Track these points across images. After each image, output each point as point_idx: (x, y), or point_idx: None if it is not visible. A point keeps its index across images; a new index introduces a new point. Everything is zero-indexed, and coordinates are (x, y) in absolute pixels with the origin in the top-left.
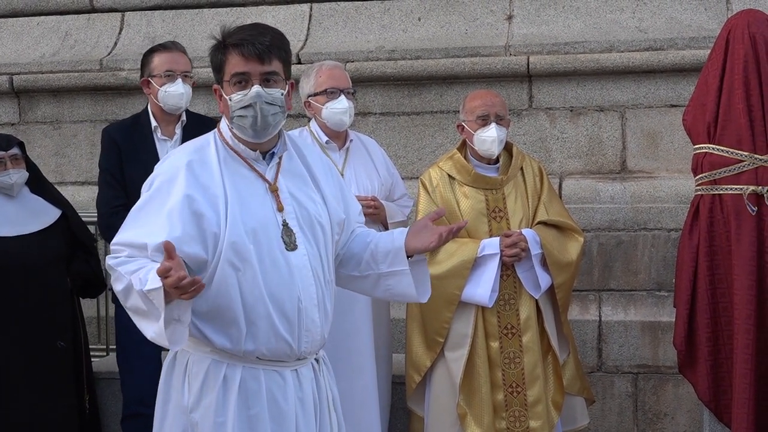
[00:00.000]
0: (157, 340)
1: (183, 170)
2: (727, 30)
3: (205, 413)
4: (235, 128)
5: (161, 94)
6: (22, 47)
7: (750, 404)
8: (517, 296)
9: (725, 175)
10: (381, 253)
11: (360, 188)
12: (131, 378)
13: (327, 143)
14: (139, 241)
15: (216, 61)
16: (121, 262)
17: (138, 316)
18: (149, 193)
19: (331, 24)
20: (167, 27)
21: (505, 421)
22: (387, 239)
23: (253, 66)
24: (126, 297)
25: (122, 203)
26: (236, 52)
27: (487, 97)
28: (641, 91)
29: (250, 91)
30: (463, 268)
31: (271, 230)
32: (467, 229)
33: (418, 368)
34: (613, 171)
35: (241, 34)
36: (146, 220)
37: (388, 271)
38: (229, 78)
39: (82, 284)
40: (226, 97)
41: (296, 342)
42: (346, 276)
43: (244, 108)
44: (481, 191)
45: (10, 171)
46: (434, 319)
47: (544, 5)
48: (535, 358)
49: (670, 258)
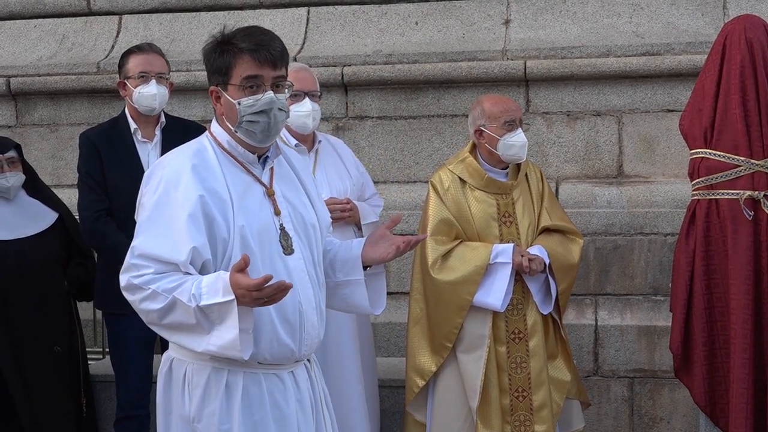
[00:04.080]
0: (219, 352)
1: (189, 172)
2: (723, 35)
3: (208, 422)
4: (241, 133)
5: (135, 95)
6: (19, 50)
7: (748, 408)
8: (524, 301)
9: (722, 180)
10: (339, 262)
11: (332, 189)
12: (123, 381)
13: (296, 146)
14: (166, 256)
15: (220, 63)
16: (150, 280)
17: (181, 332)
18: (155, 198)
19: (328, 28)
20: (164, 30)
21: (510, 426)
22: (346, 248)
23: (266, 70)
24: (164, 314)
25: (104, 207)
26: (250, 56)
27: (509, 102)
28: (638, 95)
29: (264, 97)
30: (476, 274)
31: (271, 235)
32: (478, 233)
33: (422, 373)
34: (609, 175)
35: (253, 39)
36: (165, 230)
37: (345, 280)
38: (240, 81)
39: (79, 287)
40: (233, 101)
41: (297, 346)
42: None
43: (257, 113)
44: (492, 196)
45: (6, 174)
46: (444, 324)
47: (542, 10)
48: (541, 363)
49: (666, 262)
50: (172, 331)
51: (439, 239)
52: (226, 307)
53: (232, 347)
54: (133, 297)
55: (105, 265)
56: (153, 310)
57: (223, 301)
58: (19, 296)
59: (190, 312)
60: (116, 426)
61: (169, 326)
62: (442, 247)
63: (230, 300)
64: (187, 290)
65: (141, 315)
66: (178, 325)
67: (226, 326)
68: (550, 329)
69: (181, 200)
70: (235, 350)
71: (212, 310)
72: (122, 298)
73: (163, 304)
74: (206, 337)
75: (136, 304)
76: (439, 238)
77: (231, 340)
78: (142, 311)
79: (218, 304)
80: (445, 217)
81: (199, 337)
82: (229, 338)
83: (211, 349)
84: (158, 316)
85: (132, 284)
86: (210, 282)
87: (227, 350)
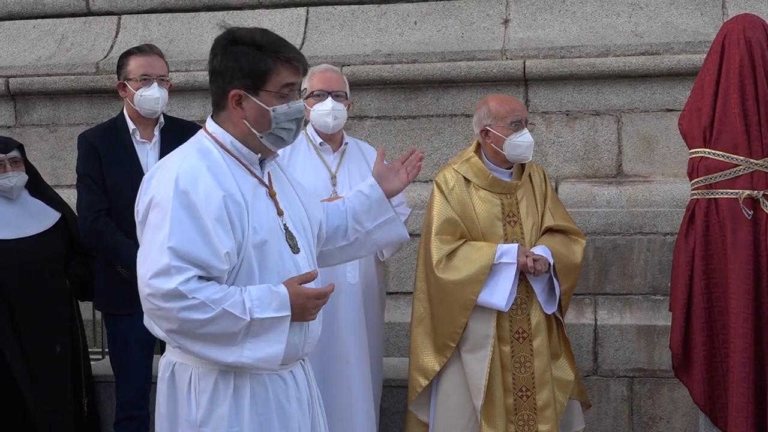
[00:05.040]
0: (253, 365)
1: (206, 173)
2: (722, 34)
3: (217, 426)
4: (268, 139)
5: (137, 98)
6: (18, 50)
7: (748, 408)
8: (528, 301)
9: (721, 179)
10: (362, 213)
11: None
12: (123, 381)
13: (321, 145)
14: (206, 259)
15: (258, 68)
16: (194, 288)
17: (214, 343)
18: (177, 199)
19: (327, 28)
20: (163, 30)
21: (513, 425)
22: (360, 198)
23: (300, 79)
24: (205, 325)
25: (103, 208)
26: (291, 65)
27: (515, 102)
28: (637, 95)
29: (298, 104)
30: (481, 273)
31: (279, 235)
32: (483, 233)
33: (425, 373)
34: (609, 175)
35: (288, 47)
36: (198, 233)
37: (375, 225)
38: (278, 89)
39: (81, 287)
40: (267, 107)
41: (302, 345)
42: (335, 249)
43: (291, 121)
44: (496, 195)
45: (9, 174)
46: (448, 323)
47: (541, 9)
48: (545, 363)
49: (665, 262)
50: (201, 342)
51: (444, 238)
52: (277, 322)
53: (271, 361)
54: (171, 304)
55: (105, 266)
56: (196, 320)
57: (277, 316)
58: (22, 296)
59: (239, 324)
60: (116, 426)
61: (202, 336)
62: (446, 246)
63: (285, 316)
64: (238, 302)
65: (168, 322)
66: (213, 336)
67: (268, 341)
68: (554, 329)
69: (204, 202)
70: (274, 364)
71: (262, 324)
72: (122, 299)
73: (209, 315)
74: (237, 349)
75: (173, 311)
76: (444, 238)
77: (273, 354)
78: (178, 319)
79: (271, 319)
80: (449, 217)
81: (228, 349)
82: (272, 352)
83: (245, 362)
84: (199, 325)
85: (177, 292)
86: (261, 295)
87: (264, 363)
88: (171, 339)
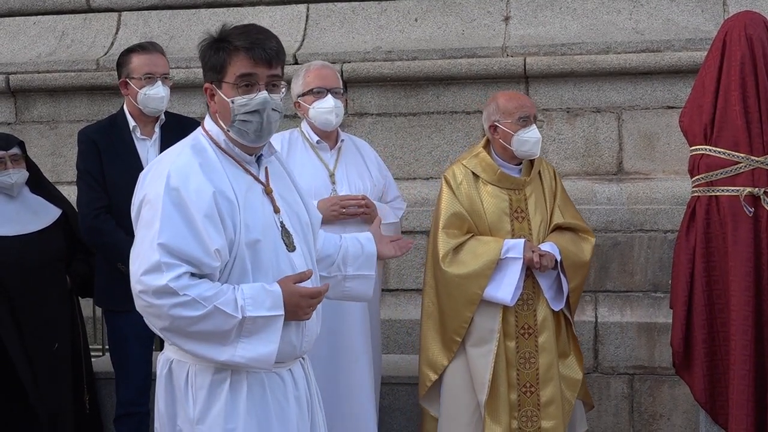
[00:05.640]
0: (246, 364)
1: (198, 170)
2: (723, 31)
3: (213, 422)
4: (233, 132)
5: (141, 96)
6: (18, 47)
7: (749, 405)
8: (535, 297)
9: (722, 176)
10: (351, 257)
11: (352, 187)
12: (123, 378)
13: (318, 143)
14: (197, 256)
15: (215, 61)
16: (185, 285)
17: (206, 342)
18: (168, 196)
19: (327, 25)
20: (164, 27)
21: (517, 421)
22: (356, 244)
23: (261, 69)
24: (196, 322)
25: (104, 205)
26: (245, 54)
27: (524, 98)
28: (638, 92)
29: (257, 97)
30: (487, 268)
31: (274, 232)
32: (490, 228)
33: (435, 367)
34: (609, 172)
35: (248, 37)
36: (188, 229)
37: (354, 274)
38: (234, 80)
39: (81, 284)
40: (227, 99)
41: (299, 343)
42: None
43: (250, 113)
44: (504, 191)
45: (10, 171)
46: (454, 318)
47: (541, 6)
48: (549, 359)
49: (666, 259)
50: (194, 340)
51: (451, 233)
52: (271, 321)
53: (264, 360)
54: (163, 301)
55: (104, 263)
56: (187, 317)
57: (270, 315)
58: (23, 292)
59: (230, 322)
60: (116, 423)
61: (195, 334)
62: (453, 240)
63: (278, 315)
64: (230, 300)
65: (160, 319)
66: (206, 334)
67: (261, 340)
68: (562, 327)
69: (195, 199)
70: (267, 364)
71: (255, 323)
72: (122, 296)
73: (200, 313)
74: (229, 348)
75: (164, 308)
76: (451, 232)
77: (267, 353)
78: (169, 316)
79: (264, 318)
80: (457, 211)
81: (222, 348)
82: (265, 352)
83: (238, 361)
84: (190, 323)
85: (168, 288)
86: (254, 294)
87: (258, 362)
88: (165, 337)
